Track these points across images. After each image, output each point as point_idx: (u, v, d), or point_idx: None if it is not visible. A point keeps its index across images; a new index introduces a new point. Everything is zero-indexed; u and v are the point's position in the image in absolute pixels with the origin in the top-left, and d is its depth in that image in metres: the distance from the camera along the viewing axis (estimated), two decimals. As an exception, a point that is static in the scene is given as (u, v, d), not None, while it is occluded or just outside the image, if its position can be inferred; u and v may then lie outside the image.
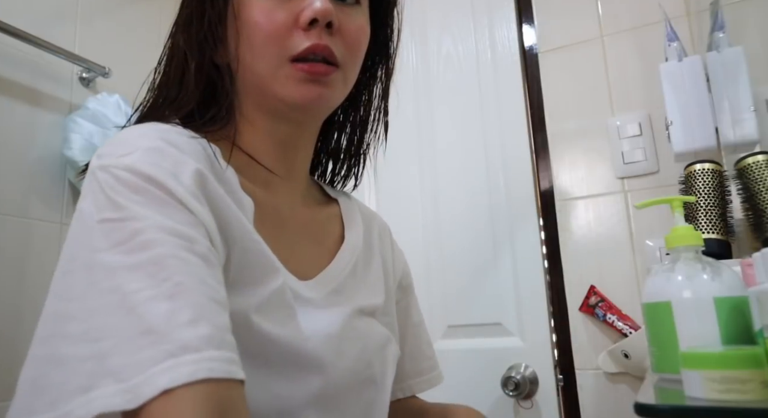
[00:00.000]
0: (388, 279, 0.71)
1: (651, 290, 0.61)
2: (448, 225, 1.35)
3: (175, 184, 0.45)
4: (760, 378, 0.43)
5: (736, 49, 0.99)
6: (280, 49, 0.54)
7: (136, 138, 0.48)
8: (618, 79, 1.23)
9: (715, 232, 0.95)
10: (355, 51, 0.58)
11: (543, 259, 1.24)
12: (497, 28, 1.39)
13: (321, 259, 0.62)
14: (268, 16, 0.54)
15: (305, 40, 0.53)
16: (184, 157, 0.47)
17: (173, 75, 0.58)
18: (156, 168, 0.45)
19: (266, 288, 0.50)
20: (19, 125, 1.19)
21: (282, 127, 0.60)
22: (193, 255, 0.42)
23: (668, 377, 0.56)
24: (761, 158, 0.93)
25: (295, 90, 0.54)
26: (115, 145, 0.48)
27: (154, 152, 0.46)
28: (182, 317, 0.38)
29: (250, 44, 0.55)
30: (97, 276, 0.41)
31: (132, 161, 0.45)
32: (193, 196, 0.45)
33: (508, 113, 1.34)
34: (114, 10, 1.46)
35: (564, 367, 1.18)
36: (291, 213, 0.61)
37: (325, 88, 0.55)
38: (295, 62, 0.54)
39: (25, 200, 1.18)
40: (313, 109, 0.58)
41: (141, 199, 0.43)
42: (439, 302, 1.31)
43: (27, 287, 1.15)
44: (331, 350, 0.55)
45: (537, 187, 1.28)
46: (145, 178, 0.44)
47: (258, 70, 0.55)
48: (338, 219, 0.68)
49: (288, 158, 0.62)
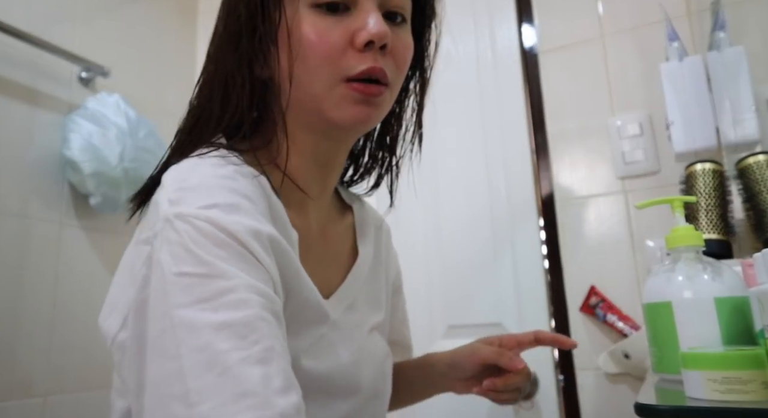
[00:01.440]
0: (387, 289, 0.74)
1: (651, 290, 0.60)
2: (448, 225, 1.35)
3: (254, 241, 0.46)
4: (760, 379, 0.43)
5: (737, 49, 0.99)
6: (335, 69, 0.54)
7: (212, 189, 0.48)
8: (618, 79, 1.23)
9: (715, 232, 0.94)
10: (403, 69, 0.59)
11: (543, 259, 1.24)
12: (497, 28, 1.39)
13: (338, 274, 0.64)
14: (323, 35, 0.53)
15: (361, 62, 0.53)
16: (259, 216, 0.49)
17: (217, 90, 0.57)
18: (238, 225, 0.46)
19: (316, 331, 0.53)
20: (19, 125, 1.19)
21: (323, 145, 0.60)
22: (273, 316, 0.44)
23: (669, 377, 0.56)
24: (762, 158, 0.93)
25: (347, 110, 0.54)
26: (190, 192, 0.48)
27: (234, 209, 0.47)
28: (276, 383, 0.40)
29: (304, 63, 0.54)
30: (184, 333, 0.41)
31: (215, 215, 0.45)
32: (267, 254, 0.47)
33: (508, 113, 1.33)
34: (114, 10, 1.46)
35: (564, 367, 1.17)
36: (318, 232, 0.63)
37: (374, 109, 0.56)
38: (350, 82, 0.54)
39: (25, 200, 1.18)
40: (360, 129, 0.59)
41: (224, 255, 0.44)
42: (439, 302, 1.31)
43: (26, 287, 1.15)
44: (355, 376, 0.59)
45: (537, 188, 1.28)
46: (228, 234, 0.45)
47: (311, 89, 0.55)
48: (351, 230, 0.70)
49: (324, 178, 0.63)
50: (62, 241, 1.24)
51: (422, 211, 1.38)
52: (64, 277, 1.22)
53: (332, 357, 0.55)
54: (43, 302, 1.18)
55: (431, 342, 1.28)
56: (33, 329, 1.14)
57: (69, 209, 1.26)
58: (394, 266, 0.78)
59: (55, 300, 1.20)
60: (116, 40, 1.44)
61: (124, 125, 1.26)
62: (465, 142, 1.37)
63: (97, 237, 1.31)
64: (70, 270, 1.24)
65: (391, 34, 0.55)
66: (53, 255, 1.21)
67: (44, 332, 1.16)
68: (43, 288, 1.18)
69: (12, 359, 1.09)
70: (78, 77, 1.33)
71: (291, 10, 0.55)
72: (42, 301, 1.18)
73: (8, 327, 1.10)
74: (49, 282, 1.20)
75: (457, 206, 1.35)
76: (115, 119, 1.25)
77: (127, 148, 1.24)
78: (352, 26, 0.54)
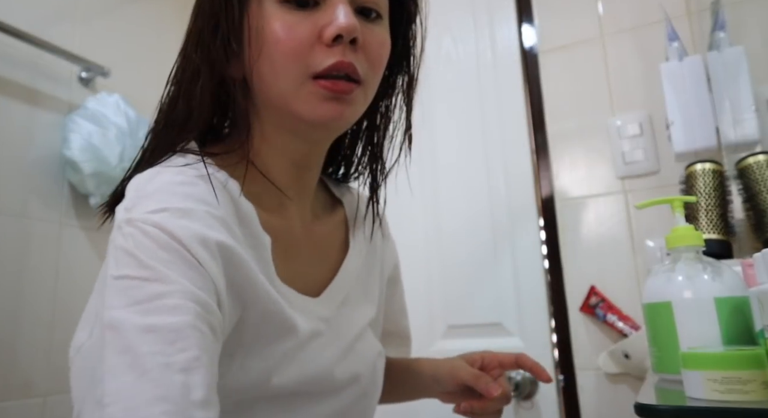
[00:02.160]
0: (381, 283, 0.72)
1: (651, 290, 0.60)
2: (448, 225, 1.35)
3: (200, 248, 0.45)
4: (760, 379, 0.43)
5: (737, 49, 0.99)
6: (303, 66, 0.52)
7: (166, 194, 0.47)
8: (618, 79, 1.23)
9: (715, 232, 0.94)
10: (378, 67, 0.57)
11: (543, 259, 1.24)
12: (497, 28, 1.39)
13: (328, 271, 0.63)
14: (289, 31, 0.51)
15: (329, 56, 0.51)
16: (213, 222, 0.47)
17: (184, 91, 0.56)
18: (185, 230, 0.45)
19: (283, 346, 0.51)
20: (19, 125, 1.19)
21: (298, 145, 0.58)
22: (209, 328, 0.42)
23: (669, 377, 0.56)
24: (762, 158, 0.93)
25: (317, 108, 0.53)
26: (144, 199, 0.47)
27: (185, 214, 0.46)
28: (196, 395, 0.39)
29: (270, 60, 0.52)
30: (110, 335, 0.40)
31: (162, 219, 0.45)
32: (214, 262, 0.45)
33: (508, 113, 1.33)
34: (114, 10, 1.46)
35: (564, 367, 1.17)
36: (302, 232, 0.61)
37: (347, 106, 0.54)
38: (318, 79, 0.52)
39: (25, 200, 1.18)
40: (333, 127, 0.57)
41: (167, 259, 0.43)
42: (439, 302, 1.31)
43: (26, 287, 1.15)
44: (344, 375, 0.58)
45: (537, 188, 1.28)
46: (174, 238, 0.44)
47: (279, 87, 0.53)
48: (343, 225, 0.68)
49: (301, 178, 0.61)
50: (62, 241, 1.24)
51: (422, 210, 1.38)
52: (64, 277, 1.22)
53: (312, 364, 0.54)
54: (43, 301, 1.18)
55: (431, 342, 1.28)
56: (33, 328, 1.14)
57: (69, 208, 1.26)
58: (391, 255, 0.76)
59: (55, 300, 1.20)
60: (116, 40, 1.44)
61: (124, 125, 1.26)
62: (465, 142, 1.37)
63: (97, 237, 1.31)
64: (70, 270, 1.24)
65: (364, 30, 0.54)
66: (53, 255, 1.21)
67: (44, 332, 1.16)
68: (43, 288, 1.18)
69: (12, 359, 1.09)
70: (78, 77, 1.33)
71: (257, 6, 0.53)
72: (42, 301, 1.17)
73: (8, 327, 1.10)
74: (49, 282, 1.20)
75: (457, 206, 1.35)
76: (115, 119, 1.25)
77: (127, 148, 1.24)
78: (321, 21, 0.52)
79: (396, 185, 0.71)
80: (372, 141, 0.67)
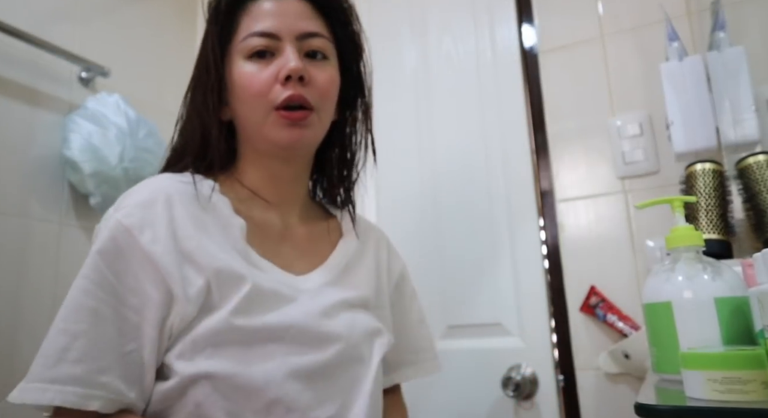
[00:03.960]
0: (381, 278, 0.82)
1: (651, 290, 0.60)
2: (448, 225, 1.35)
3: (148, 238, 0.61)
4: (760, 378, 0.43)
5: (737, 49, 0.99)
6: (266, 101, 0.69)
7: (138, 192, 0.66)
8: (618, 79, 1.23)
9: (715, 232, 0.94)
10: (326, 95, 0.73)
11: (543, 259, 1.24)
12: (497, 28, 1.39)
13: (318, 261, 0.76)
14: (254, 78, 0.69)
15: (284, 91, 0.68)
16: (159, 211, 0.63)
17: (186, 130, 0.75)
18: (136, 220, 0.62)
19: (238, 294, 0.62)
20: (19, 125, 1.19)
21: (274, 164, 0.75)
22: (115, 312, 0.59)
23: (669, 377, 0.56)
24: (762, 158, 0.93)
25: (281, 133, 0.69)
26: (125, 196, 0.66)
27: (141, 208, 0.63)
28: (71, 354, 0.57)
29: (243, 101, 0.71)
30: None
31: (121, 215, 0.62)
32: (164, 249, 0.61)
33: (508, 113, 1.33)
34: (114, 10, 1.46)
35: (564, 367, 1.17)
36: (289, 230, 0.76)
37: (304, 130, 0.70)
38: (279, 110, 0.68)
39: (25, 200, 1.18)
40: (297, 148, 0.72)
41: (110, 248, 0.61)
42: (439, 302, 1.31)
43: (26, 286, 1.15)
44: (320, 331, 0.67)
45: (537, 188, 1.28)
46: (124, 230, 0.61)
47: (252, 120, 0.71)
48: (338, 231, 0.82)
49: (281, 189, 0.76)
50: (62, 241, 1.24)
51: (422, 210, 1.38)
52: (64, 277, 1.22)
53: (277, 315, 0.64)
54: (43, 301, 1.18)
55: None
56: (34, 328, 1.14)
57: (69, 208, 1.26)
58: (398, 268, 0.88)
59: (55, 300, 1.20)
60: (116, 40, 1.44)
61: (124, 125, 1.26)
62: (465, 142, 1.37)
63: (97, 237, 1.31)
64: (70, 270, 1.24)
65: (311, 69, 0.71)
66: (53, 255, 1.21)
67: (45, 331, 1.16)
68: (44, 288, 1.18)
69: (13, 359, 1.09)
70: (78, 77, 1.33)
71: (232, 64, 0.72)
72: (42, 301, 1.18)
73: (9, 327, 1.10)
74: (49, 282, 1.20)
75: (456, 206, 1.35)
76: (115, 119, 1.25)
77: (126, 148, 1.24)
78: (277, 67, 0.69)
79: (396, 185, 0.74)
80: (345, 159, 0.82)
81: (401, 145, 1.44)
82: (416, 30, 1.50)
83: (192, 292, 0.61)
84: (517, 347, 1.22)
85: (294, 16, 0.72)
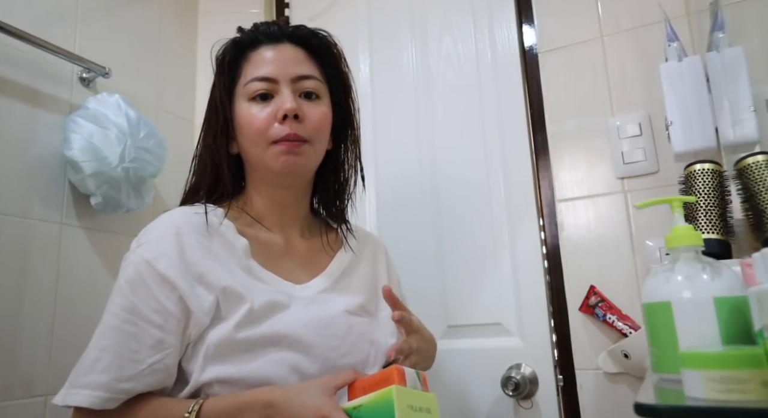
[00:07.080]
0: (377, 284, 0.91)
1: (651, 290, 0.61)
2: (448, 225, 1.35)
3: (164, 266, 0.73)
4: (760, 378, 0.43)
5: (736, 49, 0.99)
6: (266, 137, 0.81)
7: (154, 228, 0.78)
8: (618, 79, 1.23)
9: (715, 232, 0.95)
10: (319, 130, 0.85)
11: (543, 259, 1.24)
12: (497, 28, 1.39)
13: (318, 271, 0.87)
14: (255, 118, 0.82)
15: (282, 130, 0.81)
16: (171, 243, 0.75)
17: (200, 167, 0.87)
18: (153, 253, 0.74)
19: (240, 312, 0.74)
20: (19, 125, 1.19)
21: (276, 191, 0.87)
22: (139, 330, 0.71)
23: (668, 377, 0.56)
24: (761, 158, 0.93)
25: (280, 160, 0.81)
26: (144, 232, 0.79)
27: (157, 242, 0.75)
28: (99, 365, 0.70)
29: (247, 137, 0.83)
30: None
31: (142, 251, 0.75)
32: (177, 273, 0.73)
33: (508, 113, 1.34)
34: (114, 10, 1.46)
35: (564, 367, 1.18)
36: (291, 247, 0.88)
37: (298, 157, 0.82)
38: (276, 143, 0.81)
39: (25, 200, 1.18)
40: (293, 172, 0.84)
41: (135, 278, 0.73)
42: (439, 302, 1.31)
43: (27, 287, 1.15)
44: (318, 335, 0.76)
45: (537, 188, 1.28)
46: (144, 263, 0.73)
47: (255, 153, 0.83)
48: (338, 242, 0.94)
49: (283, 213, 0.89)
50: (63, 241, 1.24)
51: (422, 210, 1.38)
52: (65, 277, 1.23)
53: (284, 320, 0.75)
54: (44, 301, 1.18)
55: (431, 342, 1.28)
56: (34, 328, 1.14)
57: (70, 208, 1.26)
58: (395, 279, 1.00)
59: (55, 300, 1.20)
60: (116, 41, 1.44)
61: (124, 125, 1.26)
62: (465, 142, 1.37)
63: (98, 237, 1.31)
64: (70, 270, 1.24)
65: (306, 107, 0.83)
66: (54, 255, 1.21)
67: (45, 331, 1.17)
68: (44, 288, 1.18)
69: (13, 359, 1.09)
70: (79, 78, 1.33)
71: (237, 106, 0.84)
72: (43, 301, 1.18)
73: (9, 327, 1.10)
74: (49, 282, 1.20)
75: (456, 206, 1.35)
76: (116, 119, 1.25)
77: (127, 148, 1.24)
78: (275, 107, 0.81)
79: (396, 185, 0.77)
80: (339, 182, 0.95)
81: (401, 145, 1.44)
82: (416, 30, 1.50)
83: (206, 306, 0.73)
84: (516, 346, 1.22)
85: (289, 62, 0.84)
